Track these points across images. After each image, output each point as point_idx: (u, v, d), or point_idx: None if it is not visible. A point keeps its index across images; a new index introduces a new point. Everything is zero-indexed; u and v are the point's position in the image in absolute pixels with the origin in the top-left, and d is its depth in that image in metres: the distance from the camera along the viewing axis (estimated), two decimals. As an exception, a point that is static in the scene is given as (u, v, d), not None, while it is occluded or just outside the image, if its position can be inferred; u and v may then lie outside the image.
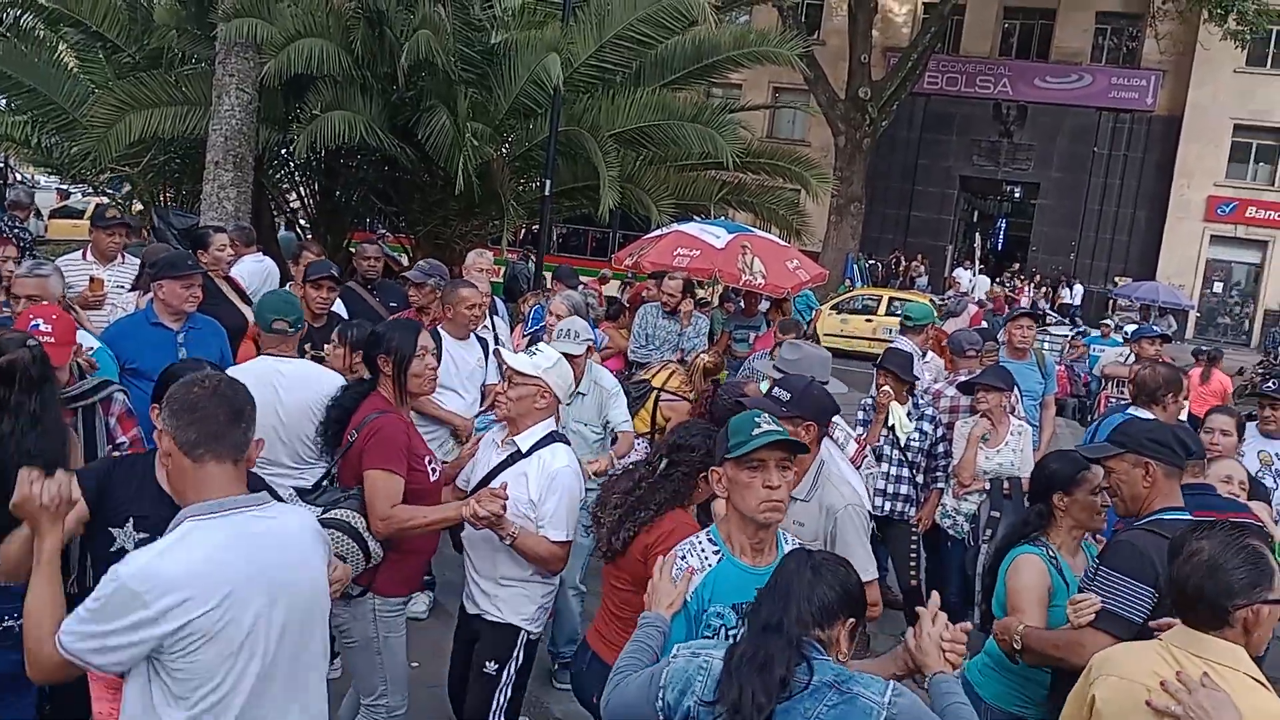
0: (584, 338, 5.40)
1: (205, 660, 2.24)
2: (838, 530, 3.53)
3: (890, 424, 5.91)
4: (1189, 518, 3.11)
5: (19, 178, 26.98)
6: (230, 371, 4.34)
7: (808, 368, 4.31)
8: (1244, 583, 2.40)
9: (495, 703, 3.78)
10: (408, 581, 3.94)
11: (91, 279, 6.60)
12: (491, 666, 3.80)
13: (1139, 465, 3.25)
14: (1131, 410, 5.46)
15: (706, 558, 2.80)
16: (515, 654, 3.80)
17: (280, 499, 2.91)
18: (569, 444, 3.86)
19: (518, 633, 3.79)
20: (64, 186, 22.90)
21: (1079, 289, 30.47)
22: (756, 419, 2.80)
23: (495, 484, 3.68)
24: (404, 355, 3.86)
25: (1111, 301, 29.22)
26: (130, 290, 6.48)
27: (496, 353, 4.92)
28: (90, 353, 4.30)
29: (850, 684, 2.27)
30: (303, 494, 3.85)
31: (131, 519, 2.93)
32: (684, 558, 2.83)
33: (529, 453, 3.74)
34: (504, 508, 3.53)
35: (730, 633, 2.71)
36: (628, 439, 5.66)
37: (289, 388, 4.39)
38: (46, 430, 3.31)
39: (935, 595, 2.68)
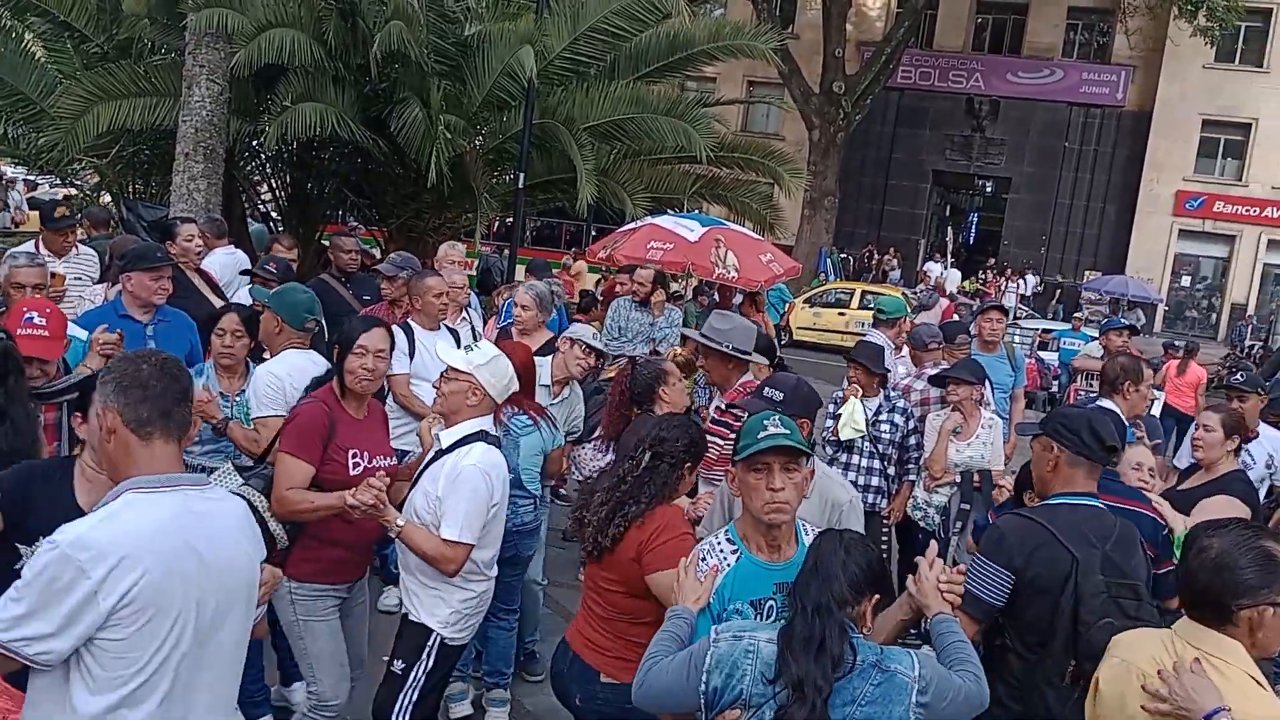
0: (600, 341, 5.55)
1: (135, 636, 2.19)
2: (843, 522, 3.63)
3: (838, 413, 5.95)
4: (1077, 503, 3.19)
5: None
6: (272, 364, 4.47)
7: (737, 337, 4.70)
8: (1250, 583, 2.42)
9: (399, 703, 3.69)
10: (328, 573, 3.87)
11: (53, 275, 6.55)
12: (398, 665, 3.72)
13: (1047, 448, 3.30)
14: (1100, 402, 5.54)
15: (725, 557, 2.88)
16: (424, 656, 3.70)
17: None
18: (497, 444, 3.75)
19: (429, 634, 3.70)
20: (32, 178, 22.60)
21: (1031, 279, 30.89)
22: (765, 421, 2.85)
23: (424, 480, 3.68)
24: (343, 348, 3.88)
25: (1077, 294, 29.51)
26: (99, 282, 6.42)
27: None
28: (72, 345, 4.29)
29: (888, 661, 2.46)
30: (240, 470, 3.89)
31: (43, 539, 2.85)
32: (704, 558, 2.91)
33: (450, 449, 3.67)
34: (378, 497, 3.45)
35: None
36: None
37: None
38: (14, 425, 3.28)
39: (933, 544, 2.86)
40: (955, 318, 13.37)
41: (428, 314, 5.83)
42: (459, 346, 5.86)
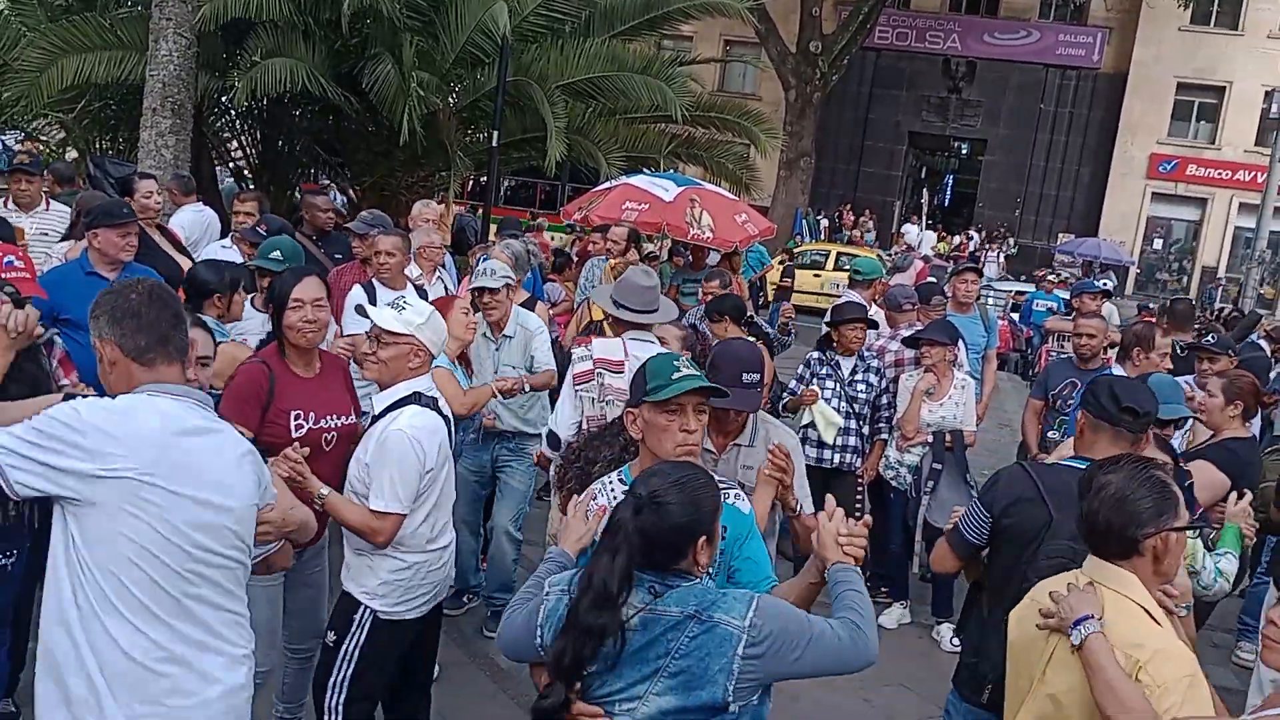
0: (501, 274, 5.30)
1: (117, 528, 2.24)
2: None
3: (810, 421, 5.98)
4: (1083, 466, 3.10)
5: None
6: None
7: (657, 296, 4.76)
8: (1150, 512, 2.51)
9: (332, 678, 3.55)
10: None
11: (13, 229, 6.47)
12: (330, 636, 3.61)
13: (1081, 414, 3.34)
14: (1113, 368, 5.57)
15: (617, 498, 2.68)
16: (354, 630, 3.53)
17: None
18: (432, 405, 3.53)
19: (358, 605, 3.54)
20: (-5, 133, 22.19)
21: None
22: (675, 362, 2.77)
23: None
24: (278, 305, 3.75)
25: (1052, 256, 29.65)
26: (63, 239, 6.32)
27: (359, 308, 4.64)
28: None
29: (712, 611, 2.30)
30: None
31: None
32: (596, 498, 2.80)
33: (382, 415, 3.50)
34: (293, 468, 3.31)
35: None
36: (548, 374, 5.47)
37: None
38: (25, 375, 3.32)
39: (830, 499, 2.73)
40: (930, 279, 13.41)
41: (377, 274, 5.77)
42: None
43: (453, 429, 3.71)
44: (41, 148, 14.98)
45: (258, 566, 2.73)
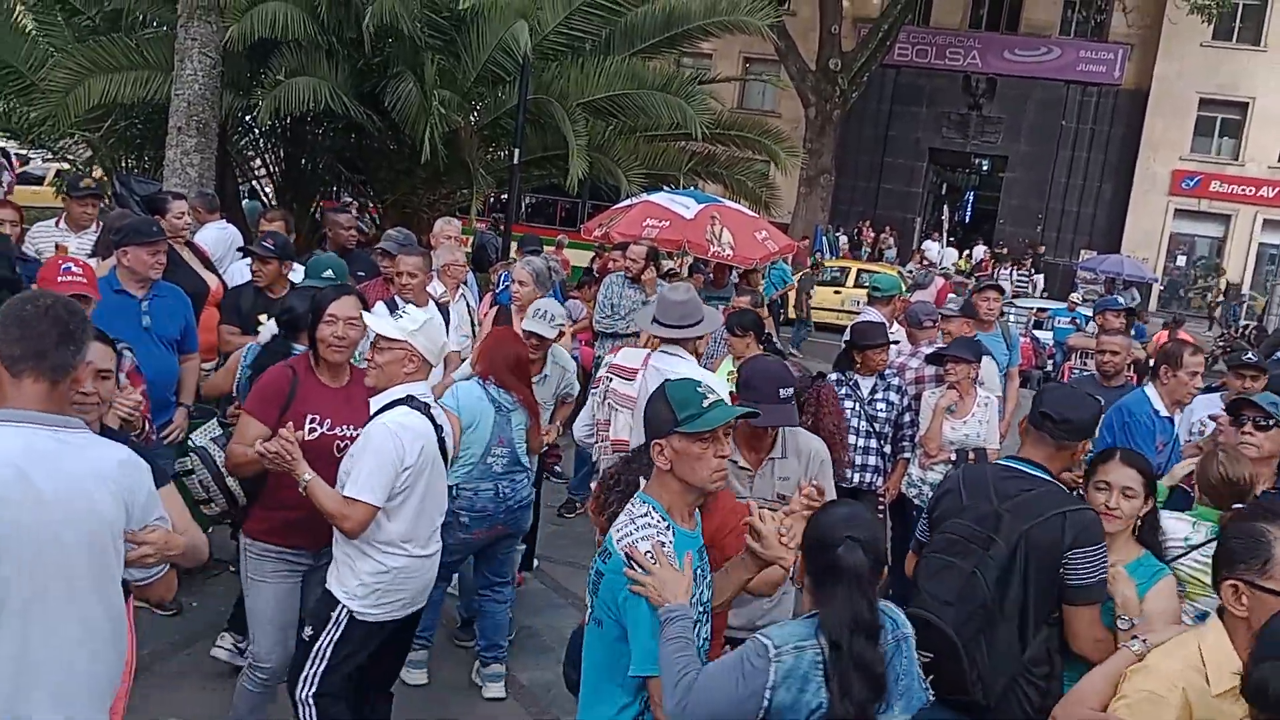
0: (558, 321, 5.37)
1: None
2: (823, 473, 3.79)
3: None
4: (1009, 464, 3.42)
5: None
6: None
7: (694, 308, 4.81)
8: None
9: (304, 672, 3.66)
10: (276, 533, 3.92)
11: (58, 245, 6.57)
12: (307, 631, 3.72)
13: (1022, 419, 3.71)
14: (1145, 387, 5.52)
15: (664, 534, 2.64)
16: (330, 626, 3.64)
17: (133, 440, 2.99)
18: (423, 409, 3.65)
19: (336, 604, 3.65)
20: (23, 152, 22.45)
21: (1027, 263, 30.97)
22: (698, 388, 2.72)
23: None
24: (314, 316, 3.94)
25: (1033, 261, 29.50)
26: (90, 256, 6.37)
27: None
28: None
29: (902, 626, 2.54)
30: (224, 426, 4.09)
31: None
32: (661, 542, 2.64)
33: (374, 415, 3.65)
34: (284, 448, 3.48)
35: (703, 606, 2.67)
36: (571, 405, 5.70)
37: None
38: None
39: (752, 503, 2.85)
40: (951, 296, 13.37)
41: (400, 292, 5.82)
42: (448, 322, 5.90)
43: (446, 439, 3.80)
44: (68, 166, 15.16)
45: (137, 592, 2.71)
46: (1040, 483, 3.28)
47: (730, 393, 3.73)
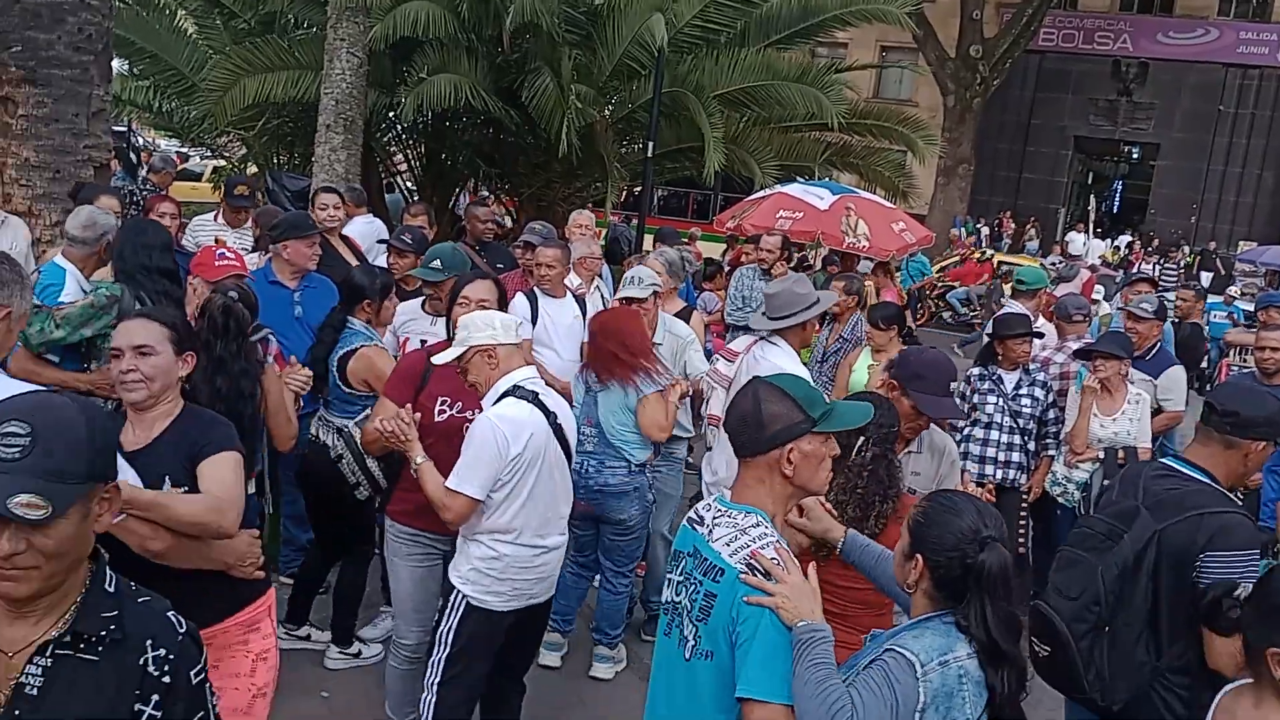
0: (648, 283, 5.34)
1: None
2: (955, 470, 3.76)
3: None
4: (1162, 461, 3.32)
5: (142, 141, 27.93)
6: None
7: (788, 298, 4.79)
8: None
9: (431, 656, 3.70)
10: (413, 515, 3.98)
11: (217, 239, 6.92)
12: (435, 618, 3.77)
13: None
14: None
15: (782, 542, 2.40)
16: (450, 612, 3.65)
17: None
18: (530, 397, 3.60)
19: (453, 589, 3.67)
20: (184, 150, 23.66)
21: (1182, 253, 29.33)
22: (810, 385, 2.52)
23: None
24: (450, 301, 4.12)
25: (1218, 262, 27.93)
26: (252, 252, 6.68)
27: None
28: None
29: None
30: None
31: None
32: (787, 550, 2.39)
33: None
34: (399, 427, 3.58)
35: None
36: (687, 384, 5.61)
37: None
38: (230, 377, 3.63)
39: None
40: (1097, 289, 12.89)
41: (539, 283, 5.90)
42: (585, 312, 5.95)
43: (565, 425, 3.73)
44: (224, 163, 15.91)
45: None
46: (1191, 482, 3.06)
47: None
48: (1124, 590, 2.98)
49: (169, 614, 1.94)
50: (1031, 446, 5.94)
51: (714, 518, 2.44)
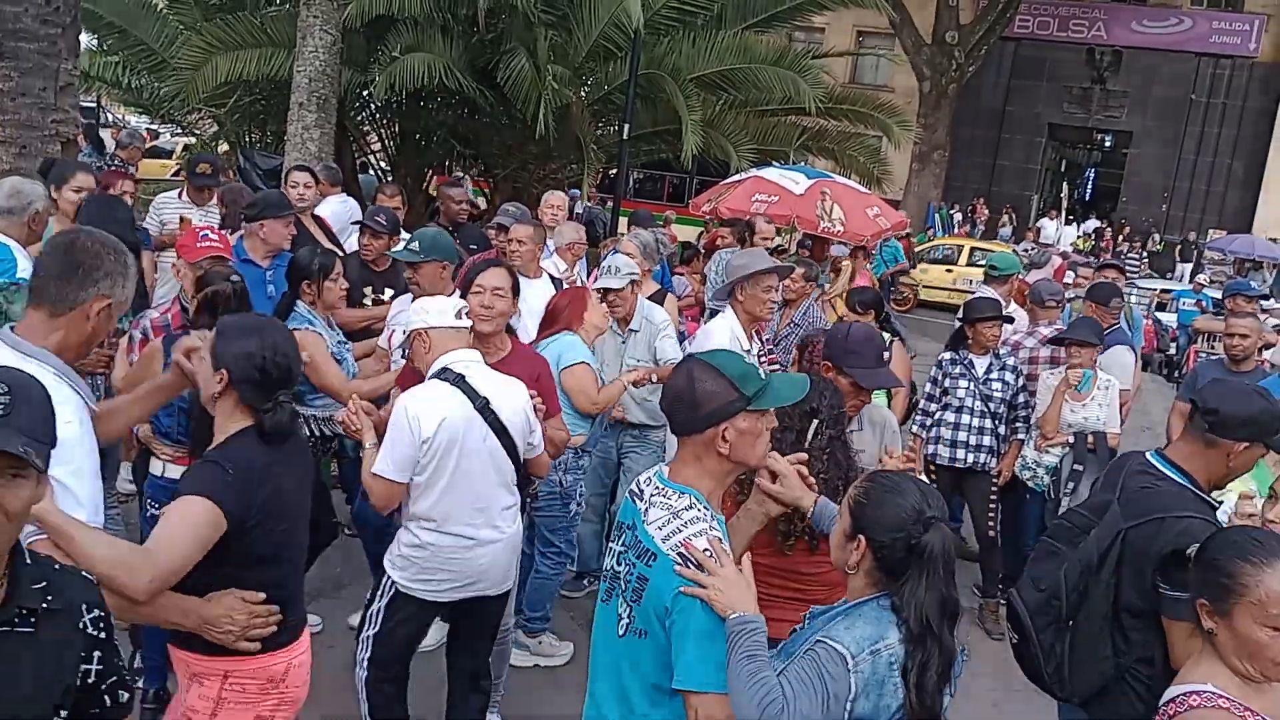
0: (625, 272, 5.34)
1: None
2: (894, 439, 3.80)
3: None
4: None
5: (111, 118, 27.60)
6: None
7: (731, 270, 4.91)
8: None
9: (360, 635, 3.68)
10: None
11: (182, 218, 6.85)
12: (367, 597, 3.77)
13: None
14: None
15: (715, 528, 2.37)
16: (380, 593, 3.64)
17: None
18: (454, 379, 3.49)
19: (383, 573, 3.67)
20: (153, 127, 23.39)
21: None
22: (745, 361, 2.49)
23: None
24: (464, 290, 4.06)
25: (1196, 253, 28.23)
26: (220, 229, 6.61)
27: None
28: None
29: None
30: None
31: None
32: (718, 537, 2.36)
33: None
34: (349, 417, 3.56)
35: None
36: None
37: None
38: None
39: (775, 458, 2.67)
40: (1068, 275, 12.98)
41: (512, 261, 5.88)
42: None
43: (506, 407, 3.56)
44: (195, 140, 15.74)
45: None
46: (1164, 482, 2.99)
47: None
48: (1088, 586, 2.97)
49: (81, 572, 2.03)
50: (1001, 430, 5.98)
51: (651, 494, 2.44)
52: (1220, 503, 3.13)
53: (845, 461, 3.19)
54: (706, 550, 2.27)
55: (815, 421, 3.15)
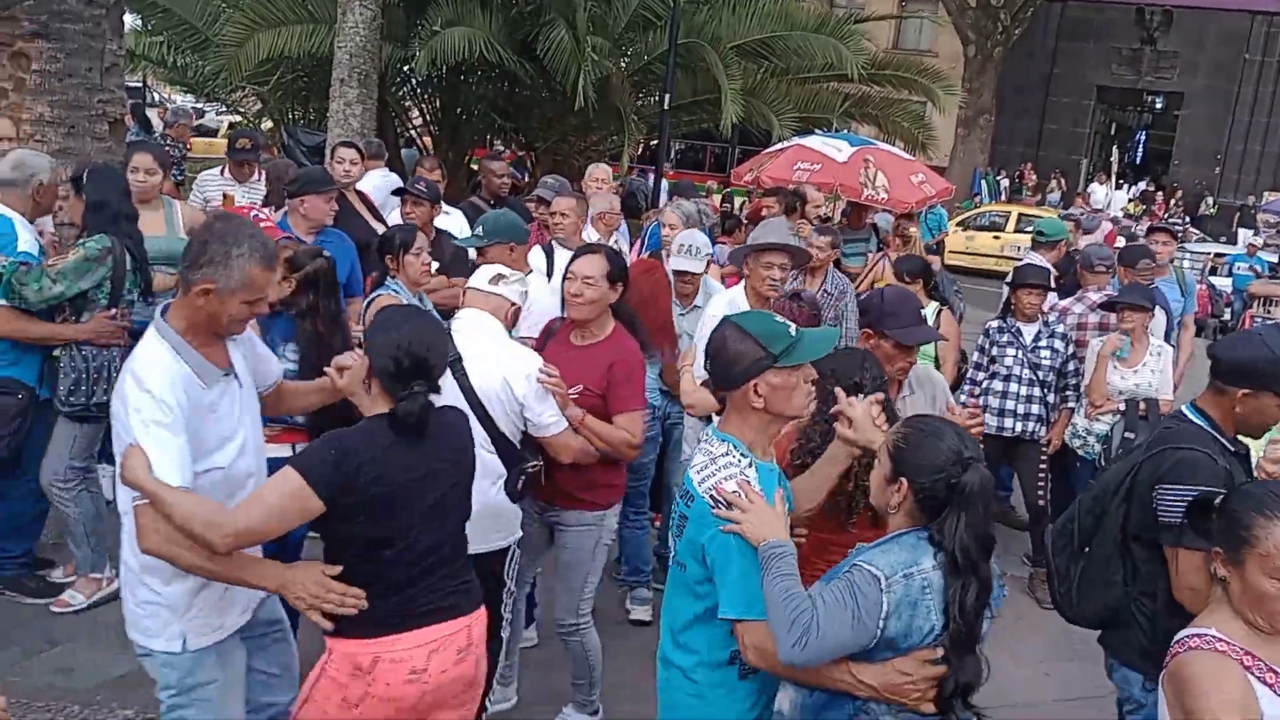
0: (704, 253, 5.36)
1: None
2: (944, 397, 3.84)
3: None
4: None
5: (157, 97, 27.90)
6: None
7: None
8: None
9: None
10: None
11: (225, 195, 6.90)
12: None
13: None
14: None
15: (745, 470, 2.56)
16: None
17: None
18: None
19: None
20: (199, 105, 23.61)
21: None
22: (776, 319, 2.65)
23: None
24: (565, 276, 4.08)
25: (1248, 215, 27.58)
26: (263, 206, 6.66)
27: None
28: None
29: None
30: None
31: None
32: (747, 479, 2.53)
33: None
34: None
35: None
36: None
37: None
38: (340, 327, 3.99)
39: (838, 390, 2.85)
40: (1119, 241, 12.77)
41: (553, 234, 5.88)
42: None
43: (460, 366, 3.57)
44: (239, 118, 15.87)
45: None
46: (1186, 423, 3.09)
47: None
48: (1103, 513, 3.13)
49: None
50: (1051, 398, 5.91)
51: (700, 443, 2.68)
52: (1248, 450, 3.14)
53: None
54: (735, 491, 2.47)
55: (860, 394, 3.14)
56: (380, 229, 6.37)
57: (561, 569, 4.02)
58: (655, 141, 14.25)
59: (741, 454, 2.57)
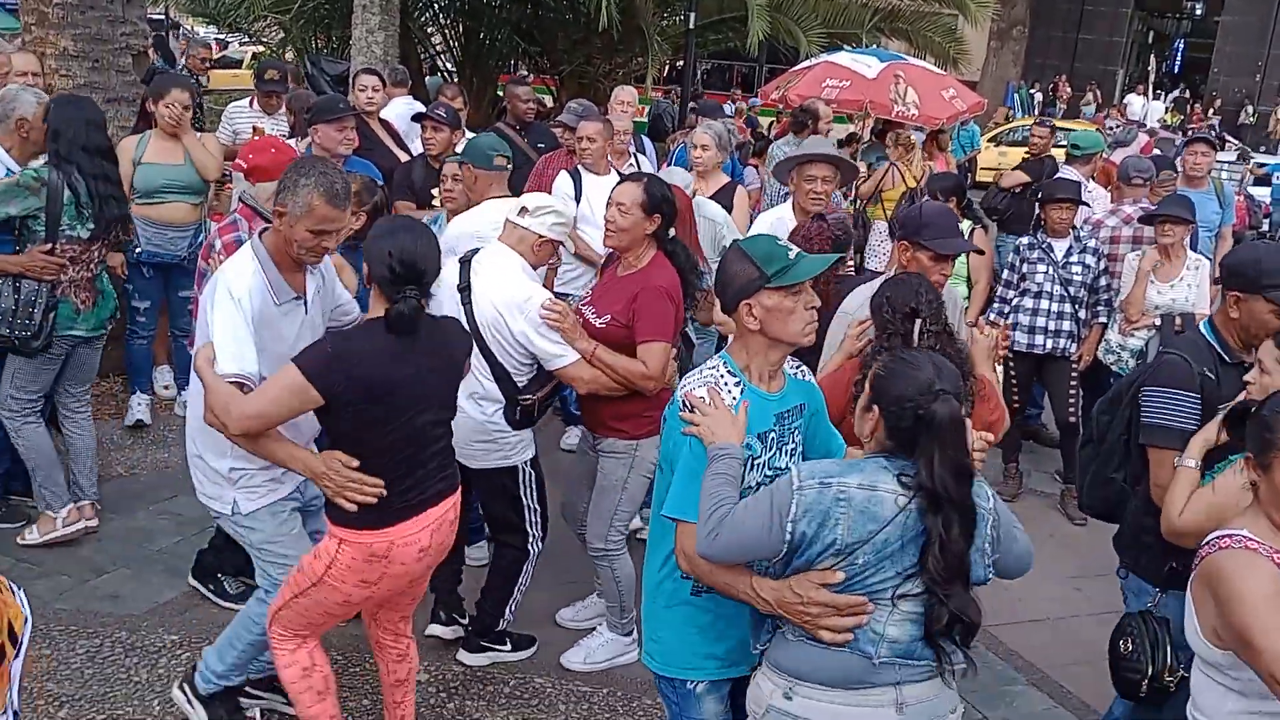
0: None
1: None
2: (961, 319, 3.83)
3: None
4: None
5: (182, 30, 27.73)
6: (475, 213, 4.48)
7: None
8: None
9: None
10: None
11: (254, 127, 6.89)
12: None
13: None
14: None
15: (730, 390, 2.57)
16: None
17: None
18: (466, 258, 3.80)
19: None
20: (221, 36, 23.45)
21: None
22: (778, 243, 2.63)
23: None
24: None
25: None
26: (290, 137, 6.65)
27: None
28: None
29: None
30: None
31: None
32: (719, 389, 2.56)
33: None
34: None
35: (757, 462, 2.57)
36: None
37: None
38: None
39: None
40: (1155, 153, 12.50)
41: (580, 160, 5.83)
42: None
43: (469, 289, 3.79)
44: (262, 48, 15.78)
45: None
46: (1193, 333, 3.20)
47: None
48: (1112, 415, 3.33)
49: None
50: (1082, 315, 5.85)
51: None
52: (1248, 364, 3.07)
53: (955, 356, 3.13)
54: (702, 397, 2.52)
55: (918, 321, 3.14)
56: (404, 157, 6.35)
57: (595, 494, 4.05)
58: (681, 62, 14.05)
59: (730, 371, 2.61)
